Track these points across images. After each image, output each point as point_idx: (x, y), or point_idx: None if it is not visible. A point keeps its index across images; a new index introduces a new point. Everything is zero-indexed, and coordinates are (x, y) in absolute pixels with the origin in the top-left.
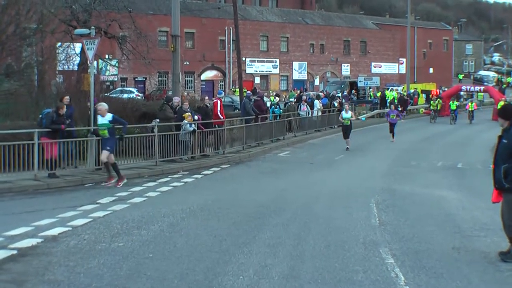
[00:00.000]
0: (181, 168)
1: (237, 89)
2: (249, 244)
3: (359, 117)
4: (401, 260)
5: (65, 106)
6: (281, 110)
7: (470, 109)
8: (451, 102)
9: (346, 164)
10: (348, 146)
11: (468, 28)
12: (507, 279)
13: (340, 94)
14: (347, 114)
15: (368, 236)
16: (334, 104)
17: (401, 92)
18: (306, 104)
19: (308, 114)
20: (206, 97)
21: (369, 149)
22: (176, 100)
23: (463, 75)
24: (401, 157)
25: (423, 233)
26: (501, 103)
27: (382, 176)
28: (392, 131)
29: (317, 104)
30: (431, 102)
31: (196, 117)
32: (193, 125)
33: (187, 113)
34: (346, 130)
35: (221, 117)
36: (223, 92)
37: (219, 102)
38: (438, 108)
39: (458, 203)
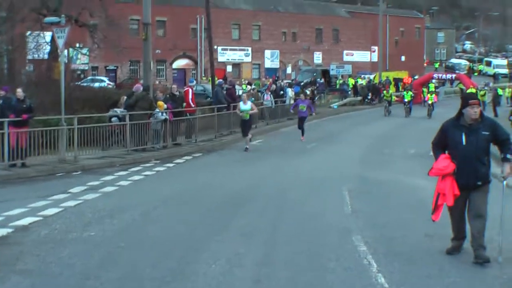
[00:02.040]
0: (153, 157)
1: (209, 78)
2: (222, 232)
3: (331, 105)
4: (373, 247)
5: (20, 91)
6: (253, 98)
7: (430, 101)
8: (404, 92)
9: (319, 152)
10: (247, 146)
11: (440, 16)
12: (478, 265)
13: (310, 81)
14: (245, 106)
15: (341, 223)
16: (306, 92)
17: (372, 80)
18: (269, 93)
19: (272, 104)
20: (174, 85)
21: (341, 137)
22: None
23: (438, 63)
24: (374, 145)
25: (396, 221)
26: (470, 91)
27: (355, 164)
28: (301, 127)
29: (289, 92)
30: (384, 92)
31: (165, 106)
32: (164, 114)
33: (160, 102)
34: (244, 126)
35: (193, 106)
36: (194, 81)
37: (190, 90)
38: (393, 99)
39: (432, 191)
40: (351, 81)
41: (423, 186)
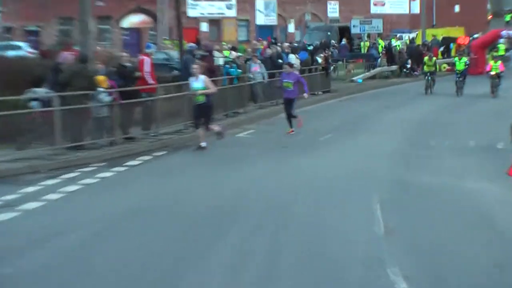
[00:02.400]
0: (95, 157)
1: (176, 42)
2: (197, 265)
3: (353, 78)
4: (417, 283)
5: None
6: (240, 71)
7: (493, 72)
8: (456, 58)
9: (336, 146)
10: (202, 144)
11: None
12: None
13: (321, 43)
14: (197, 83)
15: (370, 250)
16: (317, 60)
17: (413, 40)
18: (259, 63)
19: (264, 77)
20: (124, 53)
21: (368, 124)
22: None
23: (510, 15)
24: (414, 135)
25: (448, 245)
26: None
27: (388, 162)
28: (289, 115)
29: (293, 60)
30: (426, 59)
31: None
32: (108, 94)
33: (101, 77)
34: (199, 112)
35: (151, 82)
36: (153, 46)
37: (147, 60)
38: (438, 69)
39: (500, 200)
40: (382, 43)
41: (488, 193)
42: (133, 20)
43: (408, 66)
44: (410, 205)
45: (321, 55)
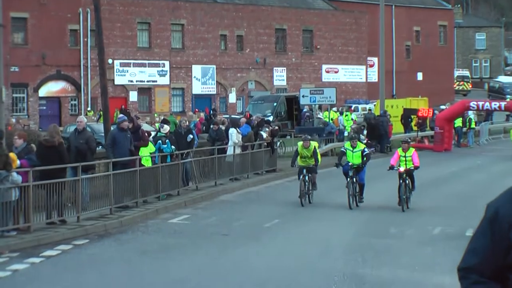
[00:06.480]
0: (5, 247)
1: (100, 112)
2: None
3: None
4: None
5: None
6: (173, 147)
7: (402, 168)
8: (348, 142)
9: (283, 234)
10: None
11: (479, 6)
12: None
13: (271, 117)
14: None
15: None
16: (262, 135)
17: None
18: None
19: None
20: (55, 126)
21: (320, 208)
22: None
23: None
24: (373, 221)
25: None
26: None
27: (343, 253)
28: None
29: (234, 135)
30: (300, 146)
31: (18, 162)
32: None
33: (13, 154)
34: None
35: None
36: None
37: None
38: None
39: None
40: (334, 115)
41: None
42: (53, 87)
43: (364, 142)
44: None
45: (266, 129)
